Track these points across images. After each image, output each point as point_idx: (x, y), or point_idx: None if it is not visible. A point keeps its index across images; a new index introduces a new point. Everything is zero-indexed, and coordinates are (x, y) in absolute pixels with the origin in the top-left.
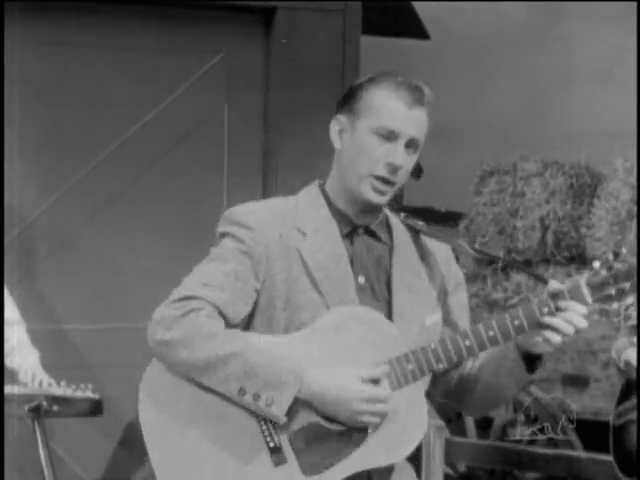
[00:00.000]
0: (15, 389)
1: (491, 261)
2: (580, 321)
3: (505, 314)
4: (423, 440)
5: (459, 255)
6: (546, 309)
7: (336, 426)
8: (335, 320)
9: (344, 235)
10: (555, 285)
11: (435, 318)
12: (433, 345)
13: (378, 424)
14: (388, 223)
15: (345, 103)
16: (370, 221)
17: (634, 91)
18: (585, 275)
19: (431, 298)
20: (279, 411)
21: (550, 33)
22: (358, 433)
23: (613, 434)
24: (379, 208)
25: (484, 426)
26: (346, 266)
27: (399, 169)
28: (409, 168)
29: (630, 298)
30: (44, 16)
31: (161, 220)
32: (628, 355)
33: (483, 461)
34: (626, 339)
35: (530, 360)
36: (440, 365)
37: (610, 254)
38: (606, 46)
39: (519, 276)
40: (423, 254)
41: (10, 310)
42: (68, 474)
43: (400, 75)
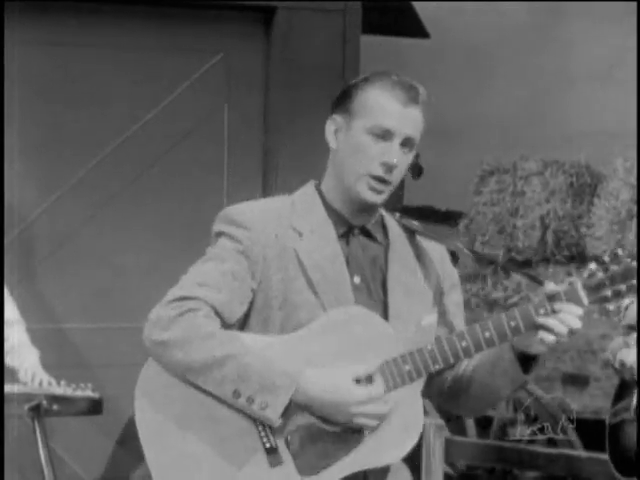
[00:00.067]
0: (15, 388)
1: (490, 261)
2: (575, 322)
3: (501, 315)
4: (423, 439)
5: (459, 255)
6: (542, 310)
7: (332, 427)
8: (331, 320)
9: (340, 235)
10: (551, 287)
11: (431, 319)
12: (429, 346)
13: (375, 426)
14: (384, 223)
15: (340, 103)
16: (366, 221)
17: (634, 91)
18: (581, 277)
19: (427, 298)
20: (273, 415)
21: (550, 33)
22: (354, 434)
23: (609, 433)
24: (375, 208)
25: (484, 425)
26: (342, 266)
27: (394, 168)
28: (405, 167)
29: (626, 299)
30: (44, 16)
31: (161, 220)
32: (623, 355)
33: (483, 460)
34: (621, 339)
35: (525, 360)
36: (436, 366)
37: (606, 256)
38: (606, 46)
39: (519, 275)
40: (418, 254)
41: (10, 309)
42: (68, 473)
43: (395, 74)
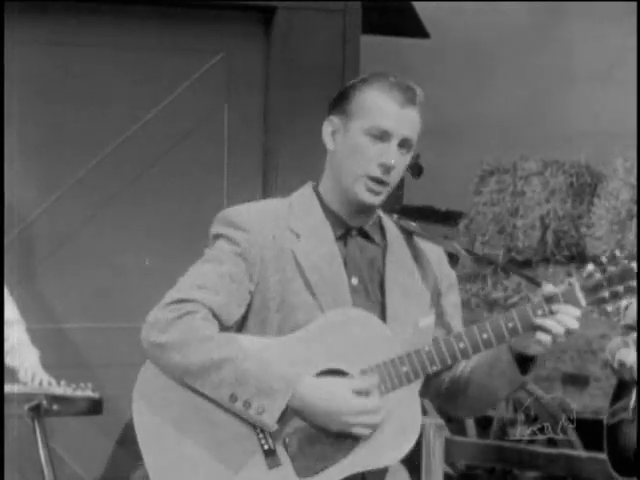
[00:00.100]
0: (15, 388)
1: (489, 262)
2: (573, 323)
3: (499, 316)
4: (423, 439)
5: (458, 255)
6: (540, 312)
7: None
8: (329, 322)
9: (338, 237)
10: (549, 288)
11: (428, 320)
12: (427, 348)
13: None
14: (381, 224)
15: (337, 104)
16: (363, 222)
17: (634, 91)
18: (579, 278)
19: (424, 299)
20: (270, 419)
21: (550, 33)
22: (352, 436)
23: (607, 433)
24: (372, 209)
25: (484, 425)
26: (340, 267)
27: (392, 169)
28: (402, 168)
29: (624, 300)
30: (44, 16)
31: (161, 220)
32: (622, 355)
33: (483, 460)
34: (620, 339)
35: (523, 362)
36: (434, 367)
37: (604, 257)
38: (606, 46)
39: (517, 276)
40: (416, 255)
41: (10, 309)
42: (68, 473)
43: (392, 75)
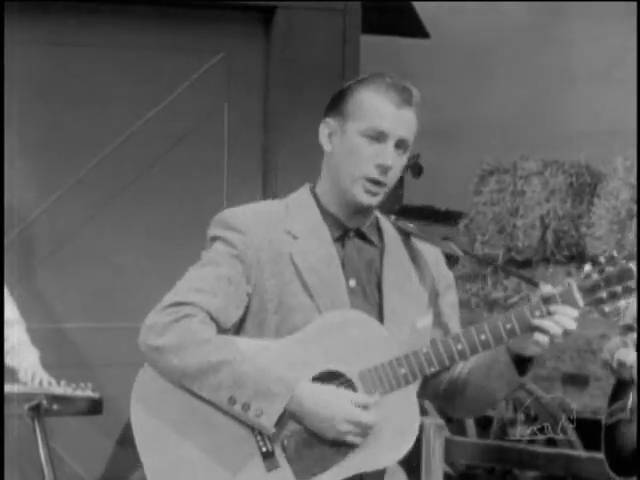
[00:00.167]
0: (15, 388)
1: (487, 262)
2: (570, 324)
3: (497, 318)
4: (423, 439)
5: (456, 255)
6: (538, 313)
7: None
8: (326, 323)
9: (335, 238)
10: (547, 289)
11: (426, 321)
12: (425, 349)
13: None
14: (379, 226)
15: (334, 106)
16: (361, 223)
17: (634, 91)
18: (577, 279)
19: (422, 300)
20: (268, 422)
21: (550, 33)
22: None
23: (605, 433)
24: (370, 210)
25: (484, 425)
26: (337, 269)
27: (389, 170)
28: (399, 168)
29: (622, 300)
30: (44, 16)
31: (161, 220)
32: (621, 355)
33: (483, 460)
34: (619, 339)
35: (521, 362)
36: (432, 369)
37: (602, 257)
38: (606, 46)
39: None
40: (414, 256)
41: (10, 309)
42: (68, 473)
43: (388, 76)
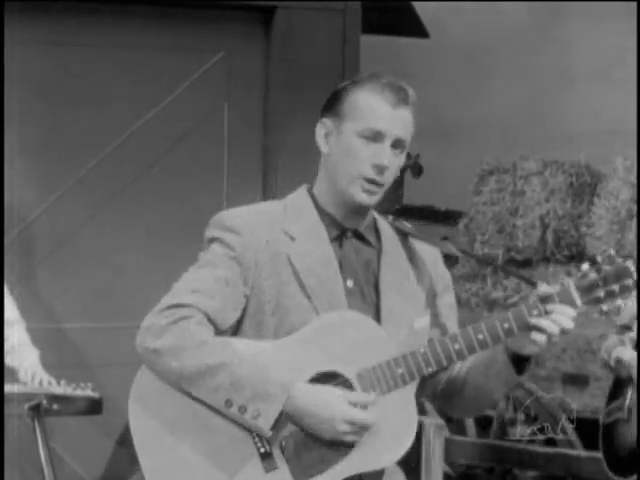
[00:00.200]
0: (15, 388)
1: (486, 262)
2: (567, 323)
3: (494, 317)
4: (423, 439)
5: (457, 255)
6: (535, 312)
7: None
8: (324, 324)
9: (333, 238)
10: (544, 288)
11: (423, 321)
12: (422, 349)
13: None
14: (376, 226)
15: (330, 106)
16: (358, 224)
17: (634, 90)
18: (574, 278)
19: (419, 300)
20: (265, 424)
21: (550, 33)
22: None
23: (602, 433)
24: (367, 210)
25: (484, 425)
26: (335, 270)
27: (386, 170)
28: (396, 168)
29: (619, 299)
30: (44, 16)
31: (161, 220)
32: (619, 353)
33: (483, 460)
34: (616, 338)
35: (519, 361)
36: (429, 369)
37: (599, 256)
38: (606, 46)
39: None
40: (411, 256)
41: (10, 309)
42: (68, 473)
43: (383, 76)
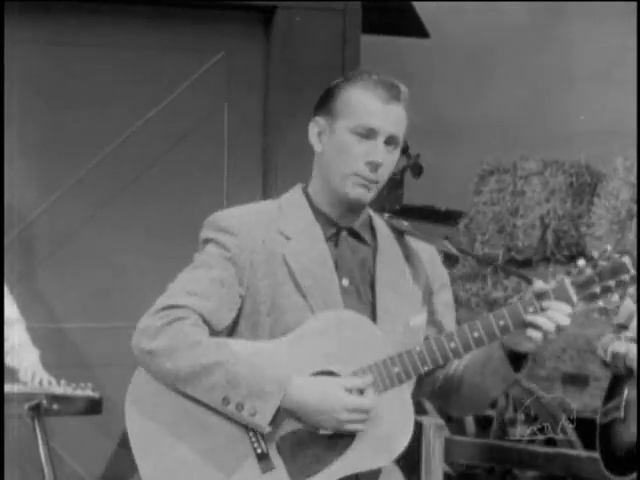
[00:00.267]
0: (15, 388)
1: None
2: (563, 319)
3: (490, 315)
4: (423, 439)
5: (450, 253)
6: (531, 309)
7: (323, 431)
8: (320, 324)
9: (328, 237)
10: (540, 285)
11: (419, 320)
12: (418, 348)
13: (364, 430)
14: (372, 224)
15: (322, 105)
16: (353, 222)
17: (634, 90)
18: (570, 274)
19: (416, 298)
20: (263, 421)
21: (550, 33)
22: (345, 438)
23: (600, 433)
24: (362, 207)
25: (484, 425)
26: (330, 269)
27: (380, 166)
28: (391, 165)
29: (615, 295)
30: (44, 16)
31: (161, 220)
32: (615, 347)
33: (482, 460)
34: (612, 335)
35: (516, 359)
36: (425, 367)
37: (595, 252)
38: (606, 46)
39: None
40: (408, 254)
41: (10, 309)
42: (68, 472)
43: (375, 73)
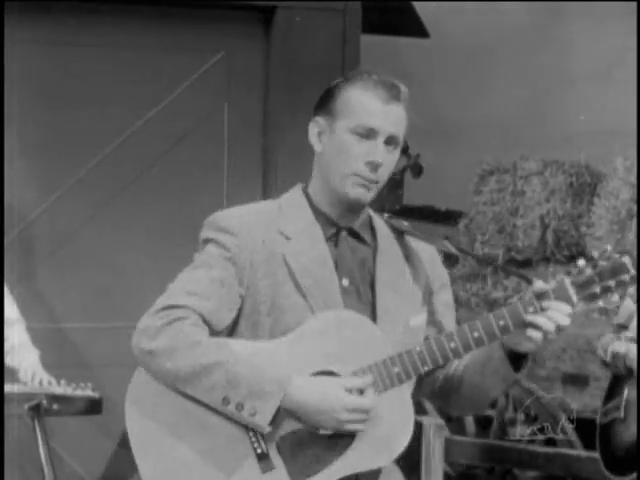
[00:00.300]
0: (15, 388)
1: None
2: (563, 319)
3: (490, 315)
4: (423, 439)
5: (457, 254)
6: (531, 309)
7: (323, 431)
8: (320, 324)
9: (328, 237)
10: (540, 285)
11: (419, 319)
12: (418, 348)
13: (364, 430)
14: (372, 224)
15: (322, 105)
16: (353, 222)
17: (634, 90)
18: (570, 274)
19: (416, 298)
20: (263, 421)
21: (550, 33)
22: (345, 438)
23: (599, 433)
24: (362, 207)
25: (484, 425)
26: (330, 269)
27: (380, 166)
28: (391, 165)
29: (615, 295)
30: (44, 16)
31: (161, 220)
32: (615, 347)
33: (482, 460)
34: (613, 335)
35: (516, 359)
36: (425, 367)
37: (595, 252)
38: (606, 46)
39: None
40: (407, 254)
41: (10, 309)
42: (68, 472)
43: (375, 73)
